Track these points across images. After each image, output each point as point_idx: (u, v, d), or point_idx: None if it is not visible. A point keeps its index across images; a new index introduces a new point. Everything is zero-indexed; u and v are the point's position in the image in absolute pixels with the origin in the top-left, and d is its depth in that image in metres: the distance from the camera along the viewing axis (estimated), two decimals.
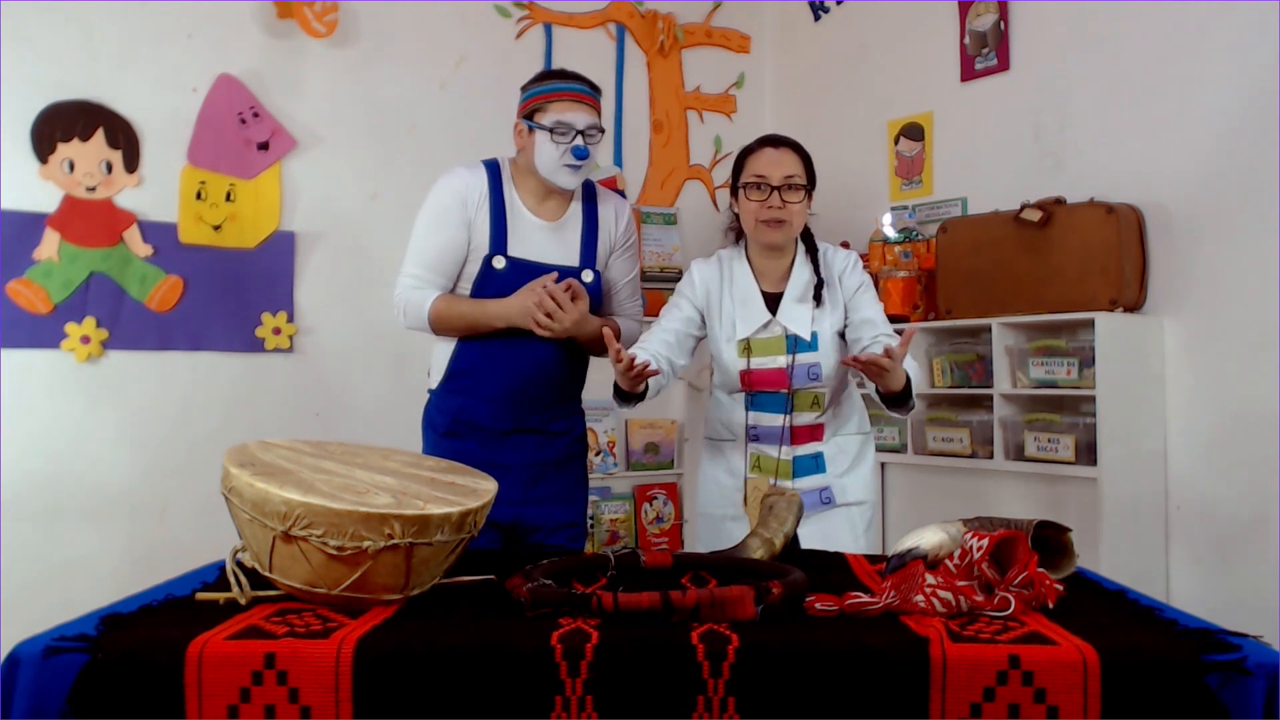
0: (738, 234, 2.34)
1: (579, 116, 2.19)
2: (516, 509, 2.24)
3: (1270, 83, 2.75)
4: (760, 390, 2.25)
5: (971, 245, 3.27)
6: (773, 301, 2.25)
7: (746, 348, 2.23)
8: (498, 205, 2.24)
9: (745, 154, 2.26)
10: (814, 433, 2.27)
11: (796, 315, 2.23)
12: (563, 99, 2.19)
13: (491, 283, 2.23)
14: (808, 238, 2.31)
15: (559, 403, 2.33)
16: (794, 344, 2.22)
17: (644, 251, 4.08)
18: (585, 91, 2.23)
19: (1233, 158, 2.84)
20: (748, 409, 2.27)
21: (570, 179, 2.22)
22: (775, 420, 2.25)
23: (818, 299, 2.24)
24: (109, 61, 3.18)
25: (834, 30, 4.16)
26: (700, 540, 2.41)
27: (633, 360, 1.95)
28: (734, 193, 2.27)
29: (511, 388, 2.25)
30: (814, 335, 2.22)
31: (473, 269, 2.24)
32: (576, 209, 2.32)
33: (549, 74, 2.29)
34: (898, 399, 2.10)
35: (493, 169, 2.29)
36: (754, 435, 2.28)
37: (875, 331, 2.21)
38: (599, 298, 2.33)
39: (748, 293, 2.26)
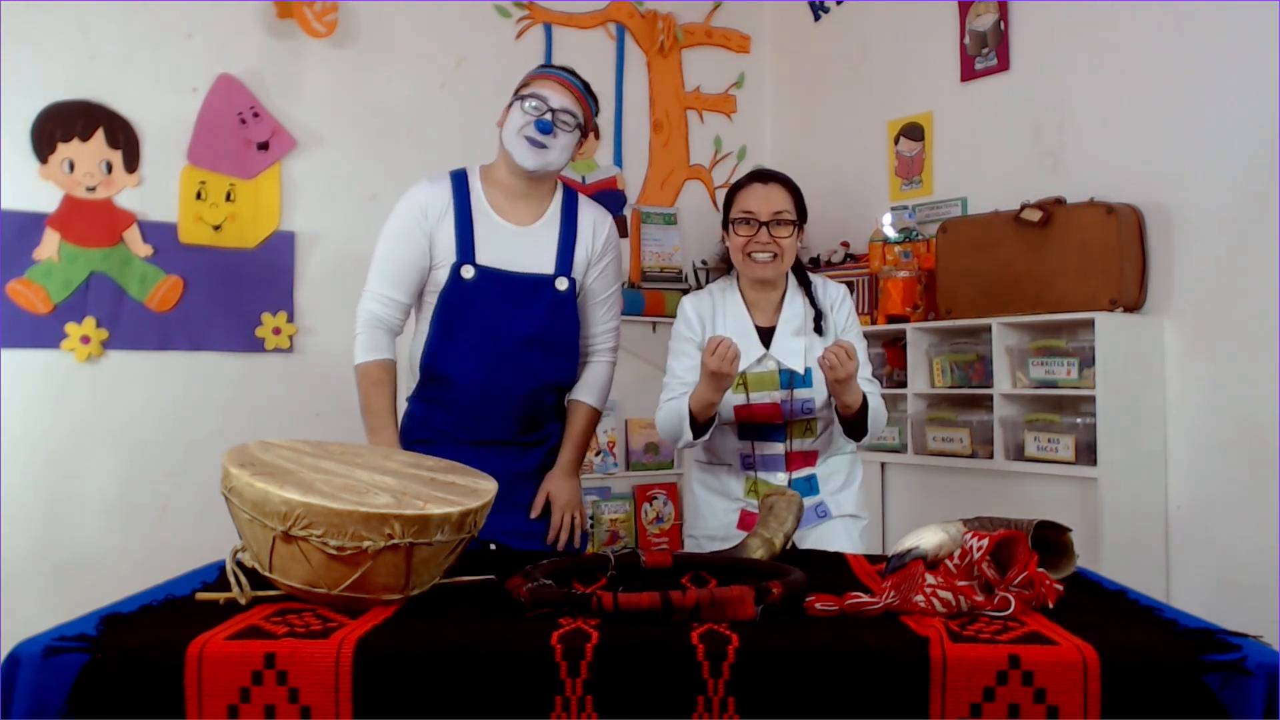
0: (729, 266, 2.33)
1: (553, 95, 2.15)
2: (491, 518, 2.17)
3: (1271, 83, 2.75)
4: (756, 422, 2.24)
5: (971, 245, 3.27)
6: (765, 335, 2.24)
7: (743, 382, 2.20)
8: (464, 212, 2.17)
9: (735, 189, 2.25)
10: (808, 458, 2.28)
11: (790, 349, 2.22)
12: (543, 79, 2.19)
13: (460, 292, 2.16)
14: (800, 271, 2.30)
15: (532, 415, 2.26)
16: (789, 379, 2.22)
17: (644, 251, 4.09)
18: (567, 77, 2.20)
19: (1233, 157, 2.84)
20: (741, 438, 2.27)
21: (529, 155, 2.14)
22: (772, 449, 2.26)
23: (819, 330, 2.24)
24: (109, 61, 3.18)
25: (834, 30, 4.16)
26: None
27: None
28: (725, 227, 2.27)
29: (483, 399, 2.18)
30: (808, 370, 2.21)
31: (441, 277, 2.17)
32: (554, 214, 2.24)
33: (544, 65, 2.31)
34: (855, 423, 2.16)
35: (459, 178, 2.23)
36: (749, 463, 2.27)
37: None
38: (572, 307, 2.25)
39: (742, 326, 2.24)
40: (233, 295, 3.35)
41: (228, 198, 3.34)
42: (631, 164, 4.14)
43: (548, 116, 2.13)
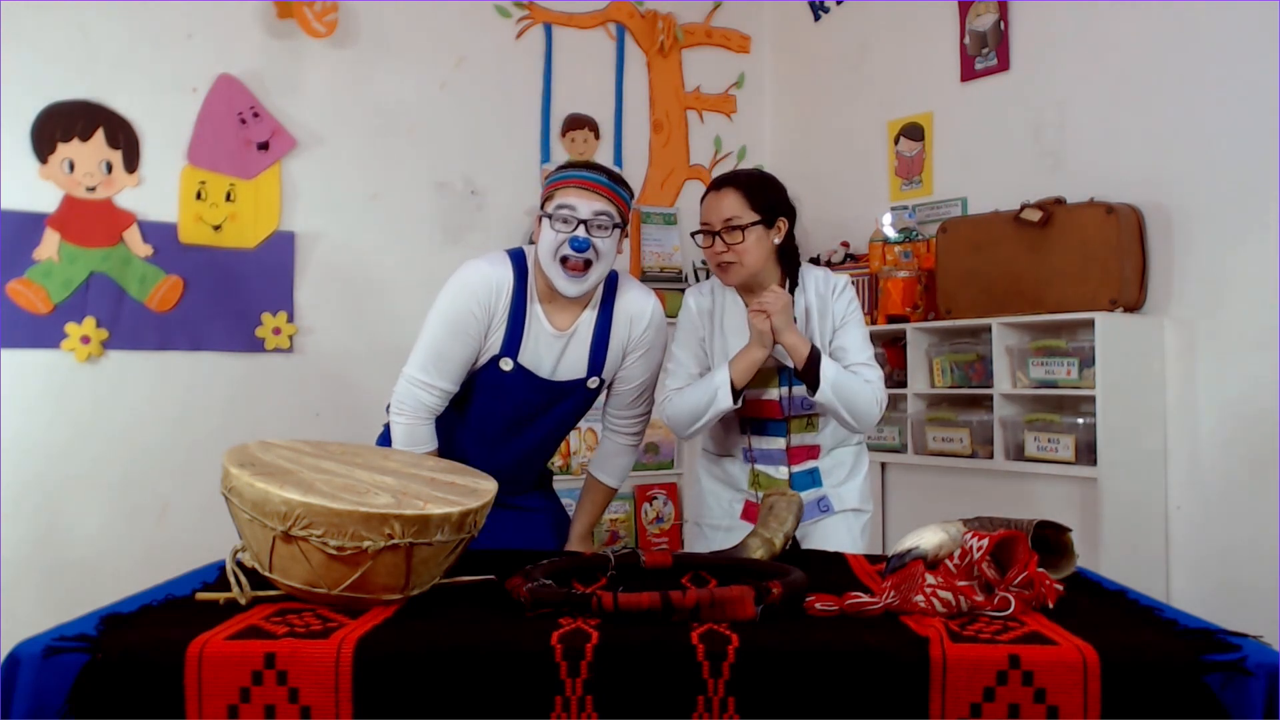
0: None
1: (583, 203, 2.00)
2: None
3: (1270, 83, 2.75)
4: (756, 418, 2.25)
5: (971, 245, 3.27)
6: None
7: None
8: (518, 309, 2.08)
9: (702, 200, 2.24)
10: (810, 451, 2.28)
11: None
12: (569, 185, 2.02)
13: (493, 380, 2.12)
14: (793, 269, 2.25)
15: (535, 483, 2.33)
16: (789, 376, 2.20)
17: (644, 251, 4.09)
18: (594, 179, 2.03)
19: (1232, 158, 2.84)
20: (743, 432, 2.28)
21: (569, 284, 2.01)
22: (774, 443, 2.27)
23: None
24: (109, 61, 3.18)
25: (834, 30, 4.16)
26: (692, 548, 2.41)
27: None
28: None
29: (497, 468, 2.12)
30: None
31: (480, 361, 2.11)
32: (591, 315, 2.13)
33: (568, 164, 2.14)
34: (809, 375, 2.12)
35: (519, 264, 2.10)
36: (752, 456, 2.29)
37: (847, 361, 2.19)
38: (592, 398, 2.21)
39: (740, 324, 2.21)
40: (233, 295, 3.35)
41: (228, 198, 3.34)
42: (632, 164, 4.14)
43: (580, 232, 1.99)
